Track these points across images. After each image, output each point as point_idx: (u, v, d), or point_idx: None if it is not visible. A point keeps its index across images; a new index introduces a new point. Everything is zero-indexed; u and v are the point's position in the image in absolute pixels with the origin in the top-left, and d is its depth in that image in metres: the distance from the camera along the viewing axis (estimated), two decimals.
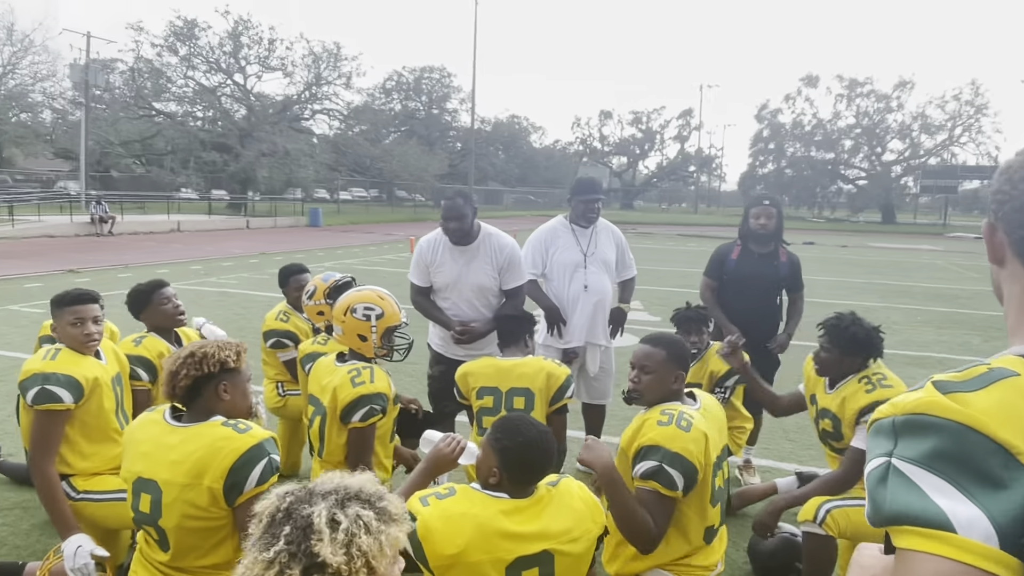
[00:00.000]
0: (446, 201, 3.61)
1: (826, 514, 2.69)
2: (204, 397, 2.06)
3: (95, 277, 12.10)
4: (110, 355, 2.94)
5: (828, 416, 2.87)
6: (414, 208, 45.29)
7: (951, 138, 52.64)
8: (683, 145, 68.41)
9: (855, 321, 2.84)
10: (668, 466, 2.11)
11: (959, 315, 10.99)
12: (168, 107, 37.17)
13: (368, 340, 2.77)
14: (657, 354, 2.32)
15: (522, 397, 2.97)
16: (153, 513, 2.00)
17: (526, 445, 1.82)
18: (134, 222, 23.11)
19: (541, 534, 1.80)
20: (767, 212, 4.07)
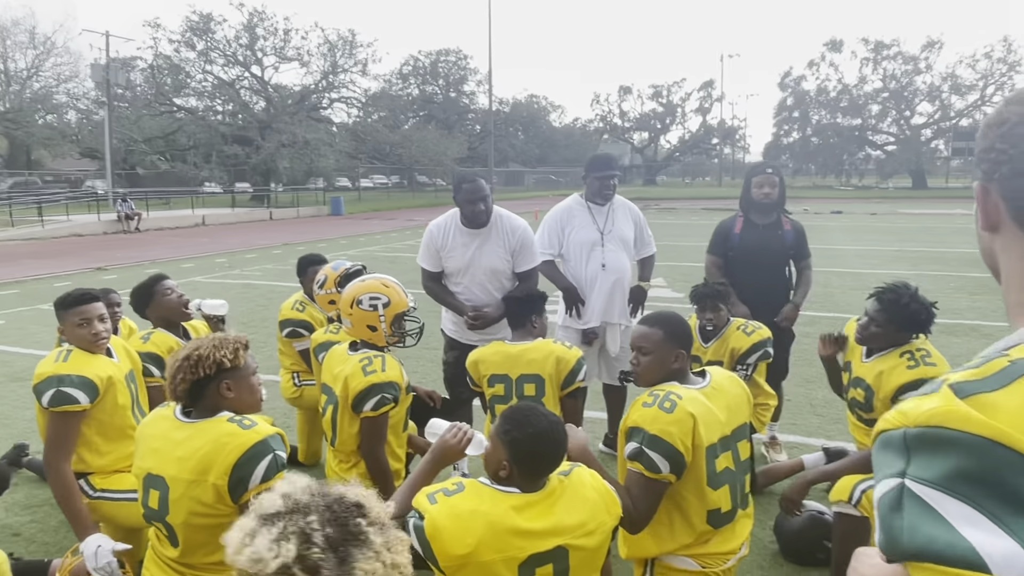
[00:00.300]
0: (468, 184, 3.50)
1: (862, 494, 2.58)
2: (207, 397, 2.03)
3: (123, 274, 12.28)
4: (122, 353, 2.94)
5: (861, 386, 2.75)
6: (435, 193, 45.27)
7: (983, 98, 51.06)
8: (705, 117, 67.44)
9: (914, 297, 2.68)
10: (648, 448, 2.05)
11: (992, 281, 10.58)
12: (188, 102, 37.54)
13: (378, 330, 2.74)
14: (654, 334, 2.23)
15: (533, 384, 2.91)
16: (161, 509, 1.99)
17: (536, 437, 1.74)
18: (160, 218, 23.43)
19: (555, 529, 1.73)
20: (770, 180, 3.93)
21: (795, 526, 2.95)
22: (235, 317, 8.34)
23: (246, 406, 2.09)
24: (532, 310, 3.02)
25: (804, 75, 56.13)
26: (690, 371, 2.29)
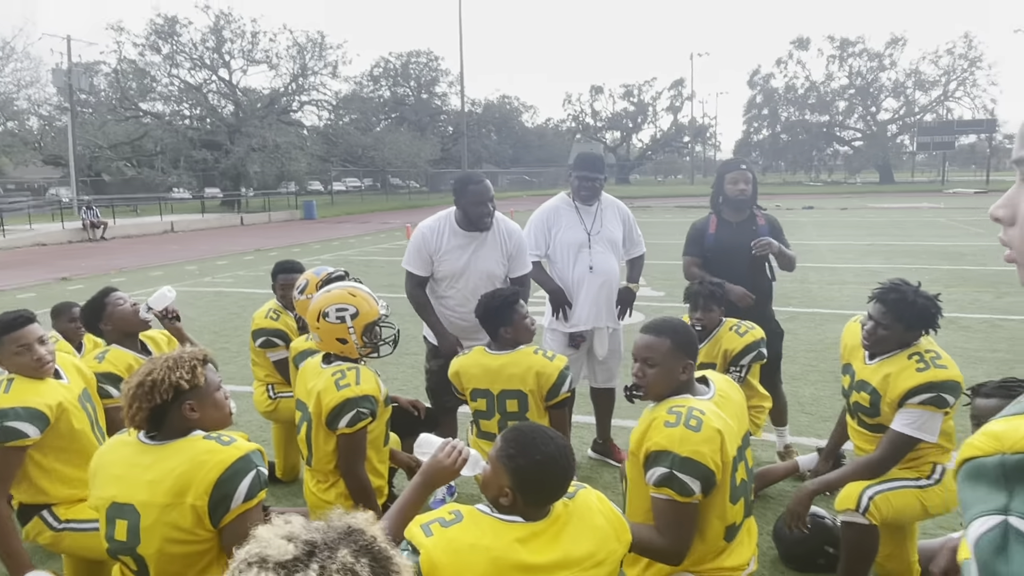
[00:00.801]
0: (475, 185, 3.33)
1: (869, 501, 2.49)
2: (170, 419, 1.88)
3: (89, 283, 11.92)
4: (72, 372, 2.71)
5: (866, 389, 2.62)
6: (408, 195, 44.97)
7: (946, 93, 52.15)
8: (676, 116, 67.89)
9: (918, 292, 2.54)
10: (679, 472, 1.91)
11: (966, 272, 10.81)
12: (155, 107, 36.81)
13: (349, 342, 2.58)
14: (661, 344, 2.08)
15: (515, 400, 2.77)
16: (131, 540, 1.83)
17: (544, 464, 1.59)
18: (127, 225, 22.91)
19: (562, 562, 1.59)
20: (744, 176, 3.83)
21: (796, 532, 2.86)
22: (207, 327, 8.11)
23: (214, 423, 1.94)
24: (499, 322, 2.83)
25: (772, 73, 56.92)
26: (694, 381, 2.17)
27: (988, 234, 16.35)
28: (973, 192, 36.56)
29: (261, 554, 1.03)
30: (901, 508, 2.54)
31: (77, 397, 2.60)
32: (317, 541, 1.05)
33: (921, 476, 2.59)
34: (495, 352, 2.85)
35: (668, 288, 10.00)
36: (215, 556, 1.87)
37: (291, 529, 1.07)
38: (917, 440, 2.50)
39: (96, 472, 1.95)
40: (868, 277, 10.57)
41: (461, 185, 3.39)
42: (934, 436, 2.52)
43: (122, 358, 2.98)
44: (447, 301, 3.48)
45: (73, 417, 2.53)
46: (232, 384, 5.64)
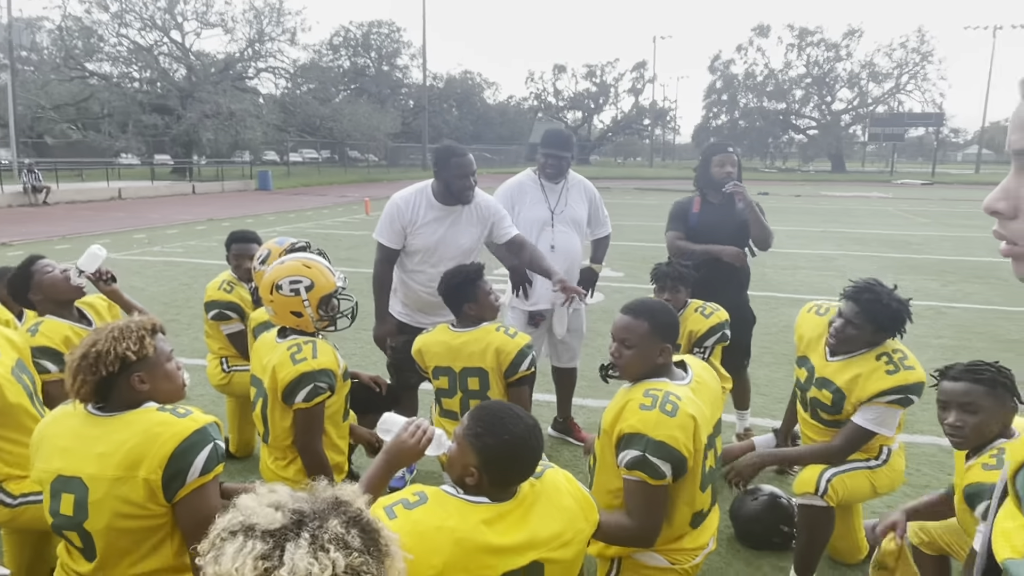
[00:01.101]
0: (458, 158, 3.23)
1: (827, 484, 2.54)
2: (118, 392, 1.79)
3: (30, 249, 11.41)
4: (1, 343, 2.52)
5: (829, 388, 2.61)
6: (367, 168, 44.24)
7: (898, 86, 53.48)
8: (637, 98, 68.10)
9: (892, 295, 2.53)
10: (652, 456, 1.91)
11: (913, 260, 11.14)
12: (102, 68, 35.30)
13: (304, 315, 2.50)
14: (639, 327, 2.06)
15: (476, 377, 2.73)
16: (77, 515, 1.74)
17: (512, 444, 1.56)
18: (71, 190, 22.01)
19: (529, 543, 1.57)
20: (730, 159, 3.83)
21: (751, 510, 2.92)
22: (156, 297, 7.86)
23: (166, 395, 1.85)
24: (462, 298, 2.78)
25: (733, 59, 57.58)
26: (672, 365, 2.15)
27: (934, 224, 16.90)
28: (920, 184, 37.72)
29: (246, 522, 1.00)
30: (854, 489, 2.60)
31: (10, 370, 2.43)
32: (306, 510, 1.03)
33: (871, 457, 2.66)
34: (457, 330, 2.81)
35: (627, 269, 10.08)
36: (168, 532, 1.80)
37: (277, 498, 1.04)
38: (875, 433, 2.56)
39: (39, 444, 1.85)
40: (821, 263, 10.82)
41: (443, 157, 3.29)
42: (892, 430, 2.57)
43: (57, 329, 2.80)
44: (418, 276, 3.39)
45: (7, 391, 2.36)
46: (184, 357, 5.48)
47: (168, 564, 1.81)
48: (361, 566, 1.00)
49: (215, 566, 0.98)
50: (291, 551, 0.98)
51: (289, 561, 0.97)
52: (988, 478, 2.00)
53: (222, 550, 0.99)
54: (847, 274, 9.99)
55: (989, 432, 2.09)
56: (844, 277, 9.89)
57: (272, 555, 0.97)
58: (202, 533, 1.75)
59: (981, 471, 2.03)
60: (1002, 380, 2.11)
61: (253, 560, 0.97)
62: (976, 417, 2.07)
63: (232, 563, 0.97)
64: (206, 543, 1.03)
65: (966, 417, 2.08)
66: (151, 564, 1.80)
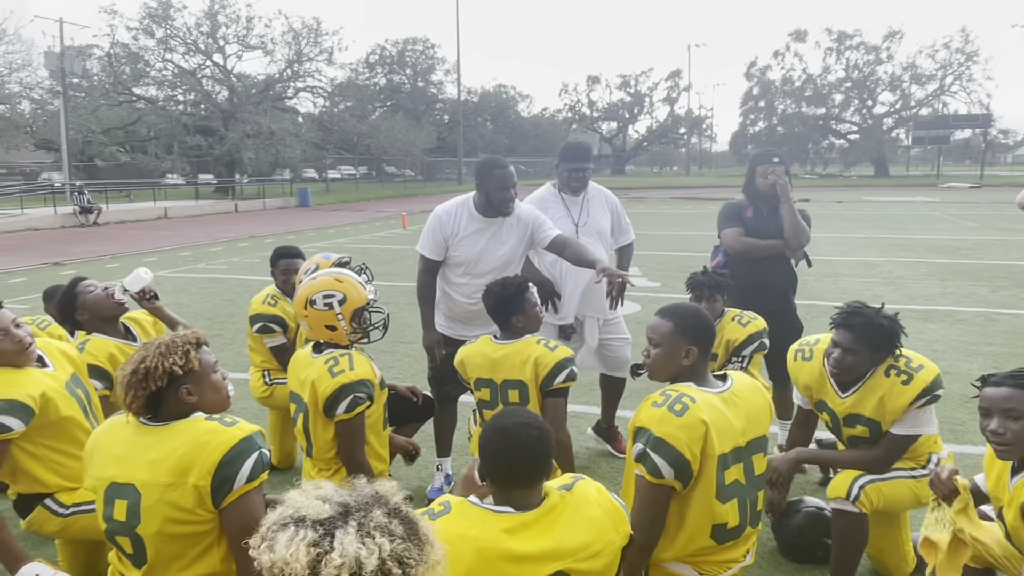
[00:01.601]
0: (500, 170, 3.26)
1: (860, 491, 2.50)
2: (168, 404, 1.87)
3: (81, 269, 11.84)
4: (58, 357, 2.63)
5: (861, 422, 2.57)
6: (404, 184, 44.78)
7: (942, 87, 52.18)
8: (672, 107, 67.73)
9: (880, 313, 2.52)
10: (651, 451, 1.93)
11: (961, 266, 10.82)
12: (148, 92, 36.44)
13: (338, 329, 2.56)
14: (663, 326, 2.11)
15: (516, 390, 2.74)
16: (130, 520, 1.81)
17: (510, 450, 1.61)
18: (120, 211, 22.75)
19: (553, 553, 1.58)
20: (777, 170, 3.77)
21: (794, 524, 2.86)
22: (201, 313, 8.06)
23: (213, 406, 1.93)
24: (511, 311, 2.79)
25: (770, 65, 56.90)
26: (710, 372, 2.15)
27: (983, 228, 16.40)
28: (968, 187, 36.65)
29: (296, 515, 1.08)
30: (893, 497, 2.54)
31: (64, 384, 2.53)
32: (350, 503, 1.11)
33: (916, 466, 2.60)
34: (500, 342, 2.82)
35: (664, 279, 10.00)
36: (215, 538, 1.86)
37: (323, 492, 1.12)
38: (918, 436, 2.52)
39: (93, 452, 1.92)
40: (864, 270, 10.58)
41: (486, 169, 3.32)
42: (934, 427, 2.53)
43: (103, 347, 2.93)
44: (461, 288, 3.40)
45: (60, 405, 2.46)
46: (227, 370, 5.59)
47: (215, 570, 1.87)
48: (404, 552, 1.07)
49: (270, 554, 1.05)
50: (340, 537, 1.04)
51: (339, 546, 1.03)
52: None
53: (275, 539, 1.06)
54: (892, 280, 9.80)
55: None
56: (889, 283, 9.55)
57: (322, 542, 1.04)
58: (248, 538, 1.81)
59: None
60: None
61: (306, 547, 1.03)
62: (1019, 423, 2.02)
63: (286, 549, 1.03)
64: (257, 537, 1.10)
65: (1008, 423, 2.03)
66: (199, 569, 1.86)
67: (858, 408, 2.56)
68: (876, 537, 2.71)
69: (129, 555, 1.87)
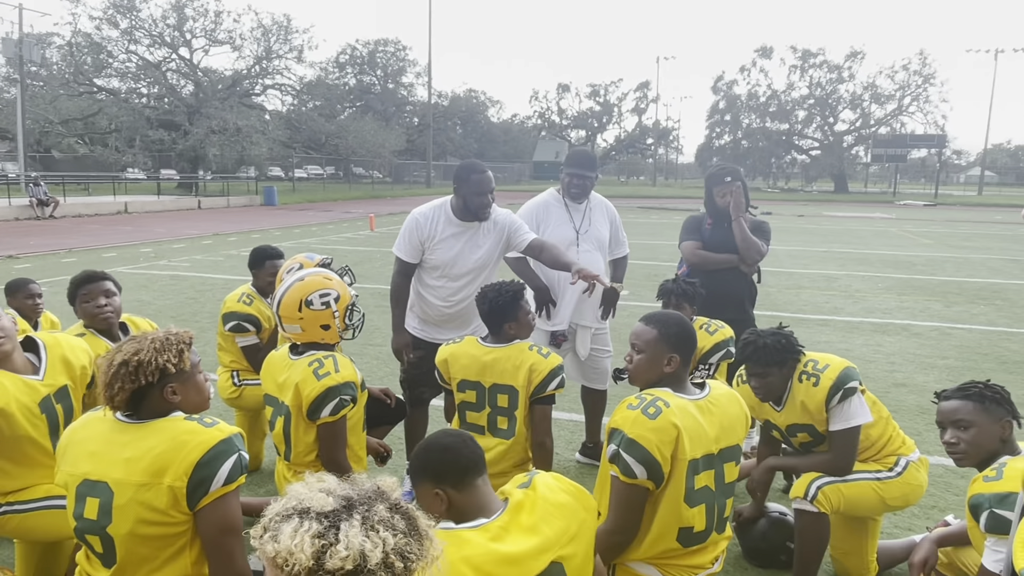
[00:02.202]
0: (478, 175, 3.25)
1: (817, 490, 2.59)
2: (150, 401, 1.83)
3: (37, 263, 11.50)
4: (55, 364, 2.47)
5: (800, 429, 2.71)
6: (372, 185, 44.48)
7: (900, 107, 53.76)
8: (641, 118, 68.60)
9: (761, 334, 2.69)
10: (624, 451, 2.00)
11: (917, 281, 11.16)
12: (110, 83, 35.60)
13: (332, 327, 2.56)
14: (647, 332, 2.17)
15: (505, 395, 2.74)
16: (101, 519, 1.77)
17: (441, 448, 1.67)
18: (78, 204, 22.15)
19: (541, 547, 1.61)
20: (729, 189, 3.86)
21: (757, 528, 2.92)
22: (163, 311, 7.90)
23: (193, 406, 1.90)
24: (504, 318, 2.79)
25: (736, 80, 57.99)
26: (689, 380, 2.19)
27: (937, 245, 16.94)
28: (923, 204, 37.80)
29: (299, 506, 1.08)
30: (855, 498, 2.62)
31: (39, 400, 2.36)
32: (353, 496, 1.11)
33: (882, 468, 2.69)
34: (489, 345, 2.81)
35: (631, 287, 10.10)
36: (188, 540, 1.83)
37: (327, 485, 1.13)
38: (857, 428, 2.61)
39: (67, 448, 1.88)
40: (824, 283, 10.84)
41: (464, 173, 3.31)
42: (868, 415, 2.62)
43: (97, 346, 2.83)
44: (437, 291, 3.40)
45: (24, 424, 2.30)
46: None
47: (186, 573, 1.83)
48: (406, 547, 1.08)
49: (273, 544, 1.04)
50: (345, 530, 1.05)
51: (344, 538, 1.04)
52: (987, 489, 2.06)
53: (279, 530, 1.06)
54: (851, 294, 10.06)
55: (988, 446, 2.18)
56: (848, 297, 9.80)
57: (327, 534, 1.04)
58: (222, 542, 1.79)
59: (982, 483, 2.10)
60: (991, 395, 2.21)
61: (311, 538, 1.03)
62: (968, 433, 2.19)
63: (291, 540, 1.03)
64: (259, 527, 1.09)
65: (960, 434, 2.20)
66: (169, 572, 1.82)
67: (792, 418, 2.69)
68: (840, 540, 2.80)
69: (99, 554, 1.82)
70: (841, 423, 2.59)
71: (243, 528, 1.87)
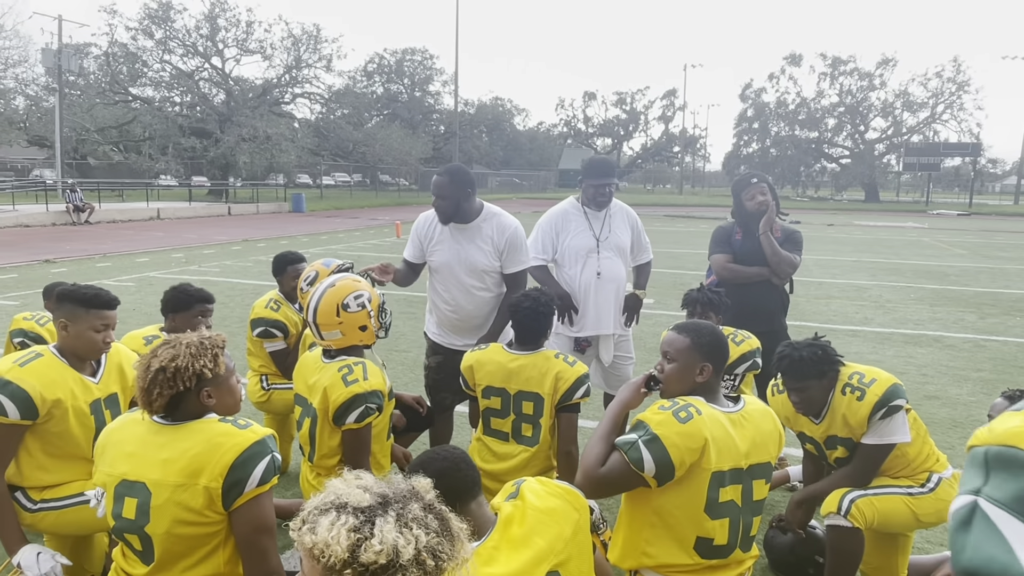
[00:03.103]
0: (435, 177, 3.42)
1: (850, 504, 2.54)
2: (186, 404, 1.88)
3: (72, 267, 11.77)
4: (112, 370, 2.60)
5: (839, 442, 2.64)
6: (398, 192, 44.84)
7: (933, 115, 52.86)
8: (667, 126, 68.29)
9: (799, 345, 2.60)
10: (643, 444, 1.96)
11: (950, 292, 10.94)
12: (145, 92, 36.41)
13: (369, 328, 2.60)
14: (679, 341, 2.13)
15: (531, 402, 2.75)
16: (139, 519, 1.81)
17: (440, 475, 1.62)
18: (112, 210, 22.63)
19: (537, 559, 1.61)
20: (760, 189, 3.85)
21: (786, 541, 2.88)
22: None
23: (226, 409, 1.94)
24: (543, 330, 2.82)
25: (764, 87, 57.47)
26: (721, 392, 2.16)
27: (971, 256, 16.59)
28: (956, 214, 37.07)
29: (338, 501, 1.12)
30: (888, 513, 2.57)
31: (91, 401, 2.49)
32: (389, 494, 1.15)
33: (914, 484, 2.64)
34: (515, 352, 2.82)
35: (657, 295, 10.05)
36: (222, 540, 1.87)
37: (364, 483, 1.17)
38: (892, 446, 2.56)
39: (105, 449, 1.92)
40: (854, 293, 10.68)
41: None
42: (907, 435, 2.57)
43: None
44: (439, 295, 3.52)
45: (73, 420, 2.43)
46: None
47: (219, 571, 1.88)
48: (438, 546, 1.10)
49: (311, 535, 1.08)
50: (380, 525, 1.08)
51: (379, 533, 1.07)
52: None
53: (317, 523, 1.09)
54: (882, 304, 9.89)
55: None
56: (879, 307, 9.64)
57: (363, 528, 1.08)
58: (256, 541, 1.83)
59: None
60: None
61: (347, 531, 1.07)
62: None
63: (328, 533, 1.07)
64: (298, 519, 1.13)
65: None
66: (204, 570, 1.87)
67: (832, 430, 2.63)
68: (871, 555, 2.74)
69: (138, 552, 1.86)
70: (876, 438, 2.53)
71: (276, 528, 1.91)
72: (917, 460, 2.66)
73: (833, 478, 2.66)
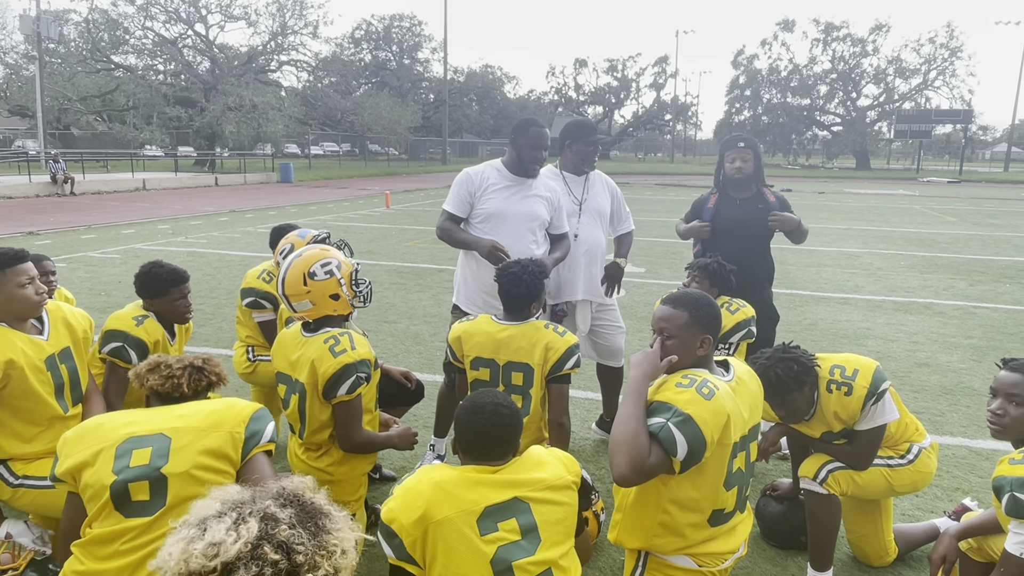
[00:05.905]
0: (536, 128, 3.34)
1: (828, 474, 2.55)
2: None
3: (57, 239, 11.61)
4: (57, 326, 2.59)
5: (836, 435, 2.60)
6: (388, 162, 44.40)
7: (925, 82, 52.63)
8: (659, 93, 67.66)
9: (770, 365, 2.45)
10: (675, 427, 1.87)
11: (940, 259, 10.96)
12: (127, 60, 35.77)
13: (341, 296, 2.51)
14: (678, 316, 2.04)
15: (520, 373, 2.70)
16: (155, 461, 1.73)
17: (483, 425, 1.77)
18: (96, 181, 22.30)
19: (508, 482, 1.73)
20: (742, 155, 3.80)
21: (777, 510, 2.88)
22: None
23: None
24: (532, 298, 2.74)
25: (756, 54, 57.15)
26: (713, 360, 2.12)
27: (962, 223, 16.62)
28: (947, 182, 37.11)
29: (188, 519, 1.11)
30: (864, 484, 2.58)
31: (44, 357, 2.48)
32: (245, 499, 1.11)
33: (895, 455, 2.64)
34: (503, 322, 2.76)
35: (648, 264, 10.02)
36: None
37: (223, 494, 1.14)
38: (884, 426, 2.54)
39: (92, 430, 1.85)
40: (845, 260, 10.68)
41: (523, 126, 3.40)
42: (895, 413, 2.55)
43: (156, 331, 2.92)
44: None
45: (32, 378, 2.43)
46: (208, 346, 5.53)
47: None
48: (291, 538, 1.06)
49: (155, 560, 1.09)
50: (212, 526, 1.06)
51: (209, 535, 1.05)
52: (1012, 471, 2.00)
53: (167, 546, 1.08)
54: (872, 272, 9.90)
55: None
56: (870, 275, 9.66)
57: (201, 532, 1.06)
58: None
59: (1007, 465, 2.03)
60: None
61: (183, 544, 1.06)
62: (1020, 410, 2.09)
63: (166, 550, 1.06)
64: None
65: (1009, 407, 2.11)
66: None
67: (825, 427, 2.60)
68: (854, 523, 2.75)
69: (142, 503, 1.72)
70: (869, 423, 2.51)
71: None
72: (898, 433, 2.67)
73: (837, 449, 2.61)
